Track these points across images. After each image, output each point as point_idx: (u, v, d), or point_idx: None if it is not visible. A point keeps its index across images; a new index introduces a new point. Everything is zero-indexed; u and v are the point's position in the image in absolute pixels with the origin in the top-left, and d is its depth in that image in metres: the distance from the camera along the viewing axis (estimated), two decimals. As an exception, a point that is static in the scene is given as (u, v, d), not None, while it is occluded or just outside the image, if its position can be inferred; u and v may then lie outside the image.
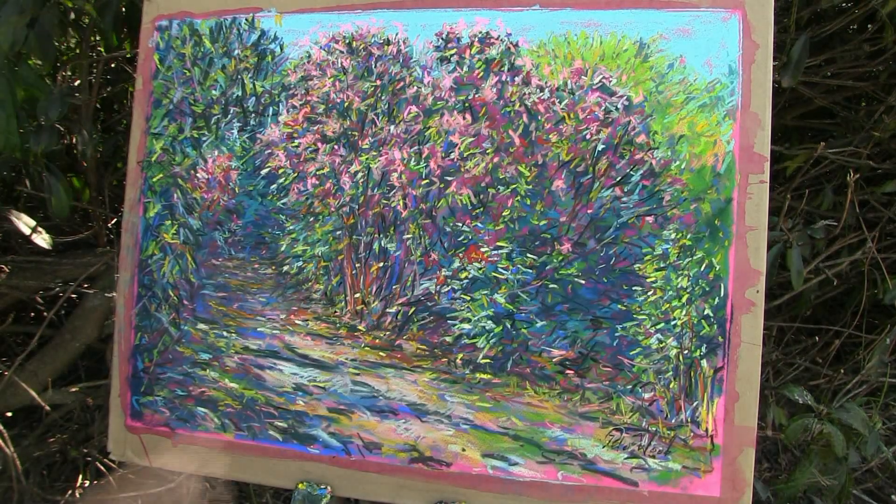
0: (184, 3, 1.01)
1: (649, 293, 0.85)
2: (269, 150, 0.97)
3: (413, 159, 0.91)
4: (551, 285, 0.88)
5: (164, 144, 1.00)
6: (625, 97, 0.86)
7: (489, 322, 0.89)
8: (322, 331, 0.94)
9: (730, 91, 0.83)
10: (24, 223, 1.43)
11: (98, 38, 1.54)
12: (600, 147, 0.87)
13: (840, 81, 1.55)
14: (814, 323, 1.78)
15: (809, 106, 1.62)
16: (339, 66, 0.95)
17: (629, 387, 0.85)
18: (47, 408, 1.47)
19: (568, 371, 0.87)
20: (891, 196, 1.55)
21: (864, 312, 1.60)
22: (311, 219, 0.96)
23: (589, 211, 0.87)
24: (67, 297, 1.47)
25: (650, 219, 0.85)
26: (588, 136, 0.87)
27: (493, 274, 0.89)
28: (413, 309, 0.91)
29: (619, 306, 0.86)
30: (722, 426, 0.83)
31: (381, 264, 0.93)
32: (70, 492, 1.53)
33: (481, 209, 0.90)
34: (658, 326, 0.85)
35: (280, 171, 0.97)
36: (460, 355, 0.90)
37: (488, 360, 0.89)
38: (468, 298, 0.90)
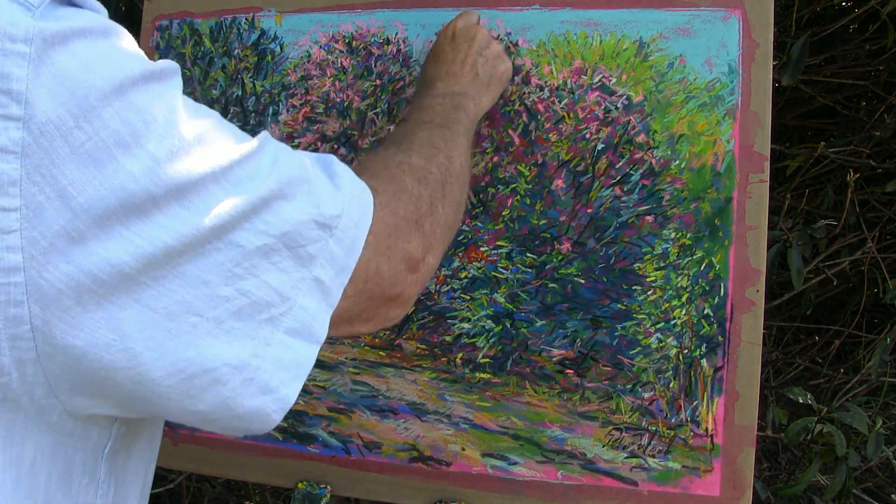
0: (184, 2, 1.01)
1: (649, 293, 0.85)
2: (269, 150, 0.97)
3: (413, 159, 0.91)
4: (551, 285, 0.88)
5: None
6: (624, 96, 0.86)
7: (489, 321, 0.89)
8: (322, 330, 0.94)
9: (730, 90, 0.83)
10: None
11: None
12: (600, 146, 0.87)
13: (840, 80, 1.55)
14: (814, 322, 1.78)
15: (810, 105, 1.62)
16: (339, 65, 0.95)
17: (629, 386, 0.85)
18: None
19: (568, 371, 0.87)
20: (891, 196, 1.55)
21: (864, 312, 1.60)
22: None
23: (589, 210, 0.87)
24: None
25: (650, 218, 0.85)
26: (588, 136, 0.87)
27: (493, 273, 0.89)
28: (412, 308, 0.91)
29: (619, 306, 0.86)
30: (722, 426, 0.83)
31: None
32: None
33: (481, 208, 0.90)
34: (658, 326, 0.85)
35: (280, 170, 0.97)
36: (460, 355, 0.90)
37: (488, 360, 0.89)
38: (468, 298, 0.90)
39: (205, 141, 0.42)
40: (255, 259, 0.43)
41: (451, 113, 0.73)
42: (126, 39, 0.41)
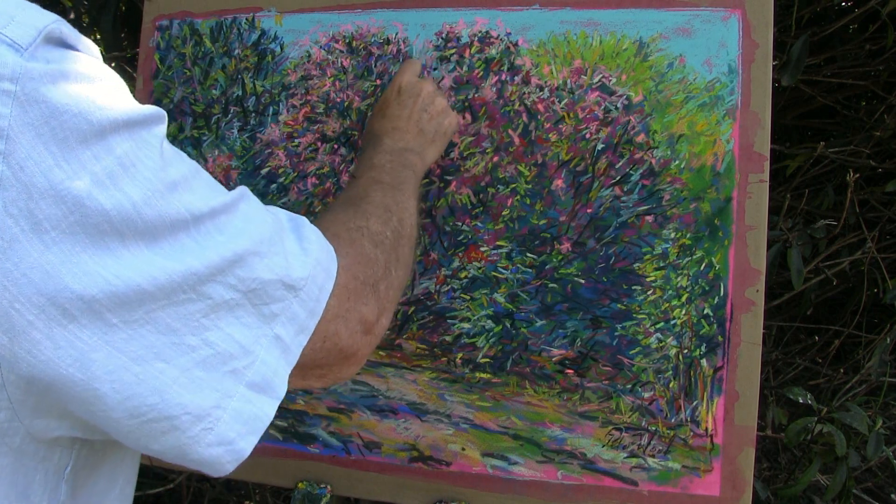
0: (184, 2, 1.01)
1: (649, 293, 0.85)
2: (270, 150, 0.97)
3: (413, 159, 0.91)
4: (551, 285, 0.88)
5: (164, 144, 1.00)
6: (624, 96, 0.86)
7: (489, 321, 0.89)
8: (322, 330, 0.94)
9: (729, 90, 0.83)
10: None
11: (98, 37, 1.54)
12: (600, 146, 0.87)
13: (840, 80, 1.55)
14: (814, 322, 1.78)
15: (810, 105, 1.62)
16: (339, 65, 0.95)
17: (629, 386, 0.85)
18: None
19: (567, 371, 0.87)
20: (891, 196, 1.55)
21: (864, 312, 1.60)
22: (312, 219, 0.96)
23: (588, 210, 0.87)
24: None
25: (650, 218, 0.85)
26: (588, 136, 0.87)
27: (493, 273, 0.89)
28: (413, 308, 0.91)
29: (619, 306, 0.86)
30: (722, 426, 0.83)
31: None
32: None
33: (481, 209, 0.90)
34: (658, 326, 0.85)
35: (280, 170, 0.97)
36: (460, 355, 0.90)
37: (488, 360, 0.89)
38: (468, 298, 0.90)
39: (181, 189, 0.43)
40: (221, 311, 0.44)
41: (400, 172, 0.76)
42: (115, 84, 0.43)
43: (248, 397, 0.46)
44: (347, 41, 0.95)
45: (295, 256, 0.49)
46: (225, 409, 0.44)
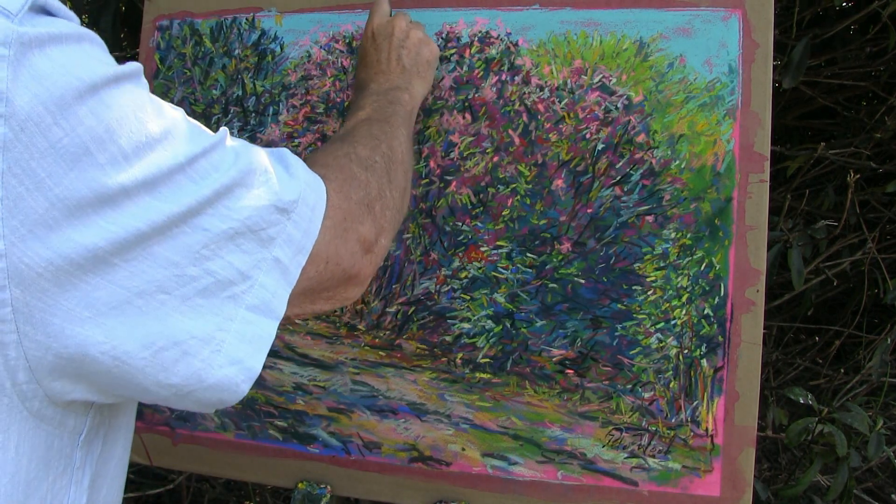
0: (184, 2, 1.01)
1: (649, 293, 0.85)
2: (270, 150, 0.97)
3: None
4: (551, 285, 0.88)
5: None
6: (625, 96, 0.86)
7: (489, 321, 0.89)
8: (322, 330, 0.94)
9: (730, 90, 0.83)
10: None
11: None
12: (600, 146, 0.87)
13: (841, 81, 1.55)
14: (814, 323, 1.78)
15: (810, 106, 1.62)
16: (340, 65, 0.95)
17: (629, 386, 0.85)
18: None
19: (568, 371, 0.87)
20: (892, 196, 1.55)
21: (865, 312, 1.60)
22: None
23: (589, 210, 0.87)
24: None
25: (650, 218, 0.85)
26: (588, 136, 0.87)
27: (493, 273, 0.89)
28: (413, 308, 0.91)
29: (619, 306, 0.86)
30: (722, 426, 0.83)
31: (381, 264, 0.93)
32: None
33: (481, 209, 0.90)
34: (658, 326, 0.85)
35: (280, 170, 0.97)
36: (460, 355, 0.90)
37: (488, 360, 0.89)
38: (468, 298, 0.90)
39: (172, 135, 0.45)
40: (221, 241, 0.46)
41: (388, 107, 0.77)
42: (97, 45, 0.44)
43: (249, 319, 0.48)
44: (347, 41, 0.95)
45: (283, 181, 0.51)
46: (228, 332, 0.47)
